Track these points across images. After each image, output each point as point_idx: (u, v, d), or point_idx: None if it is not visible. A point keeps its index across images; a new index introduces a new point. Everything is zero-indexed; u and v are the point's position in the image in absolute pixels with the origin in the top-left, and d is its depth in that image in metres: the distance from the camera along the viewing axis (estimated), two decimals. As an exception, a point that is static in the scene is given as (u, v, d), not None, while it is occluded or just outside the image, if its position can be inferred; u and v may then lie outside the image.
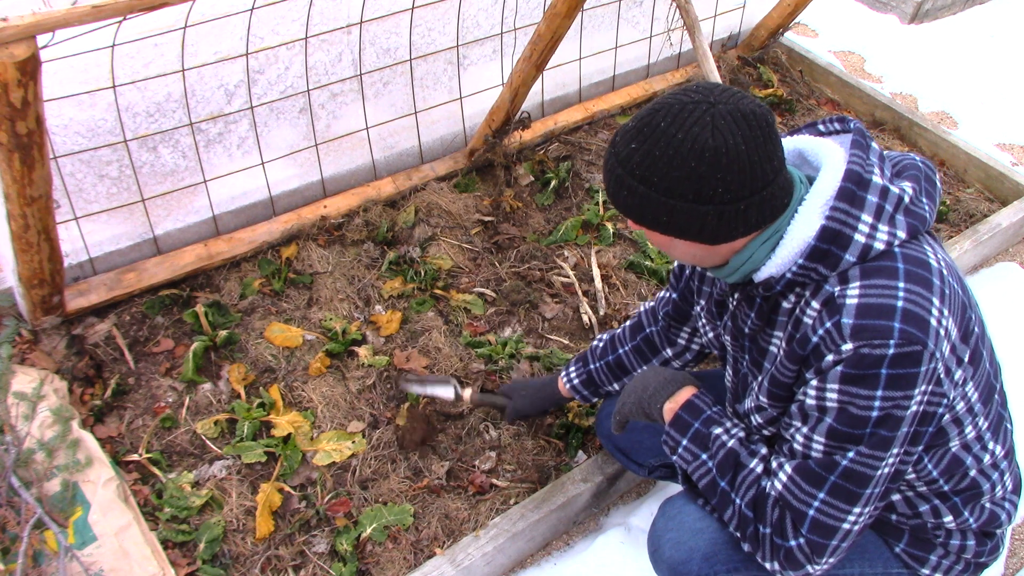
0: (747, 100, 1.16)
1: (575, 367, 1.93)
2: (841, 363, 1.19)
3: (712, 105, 1.14)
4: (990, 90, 3.78)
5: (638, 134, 1.18)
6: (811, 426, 1.26)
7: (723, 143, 1.13)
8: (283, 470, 2.05)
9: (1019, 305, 2.77)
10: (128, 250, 2.40)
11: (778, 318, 1.32)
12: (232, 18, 2.18)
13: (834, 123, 1.35)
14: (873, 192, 1.20)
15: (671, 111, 1.15)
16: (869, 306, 1.17)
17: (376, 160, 2.74)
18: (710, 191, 1.16)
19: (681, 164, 1.14)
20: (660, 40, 3.29)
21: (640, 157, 1.17)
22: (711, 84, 1.20)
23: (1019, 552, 2.17)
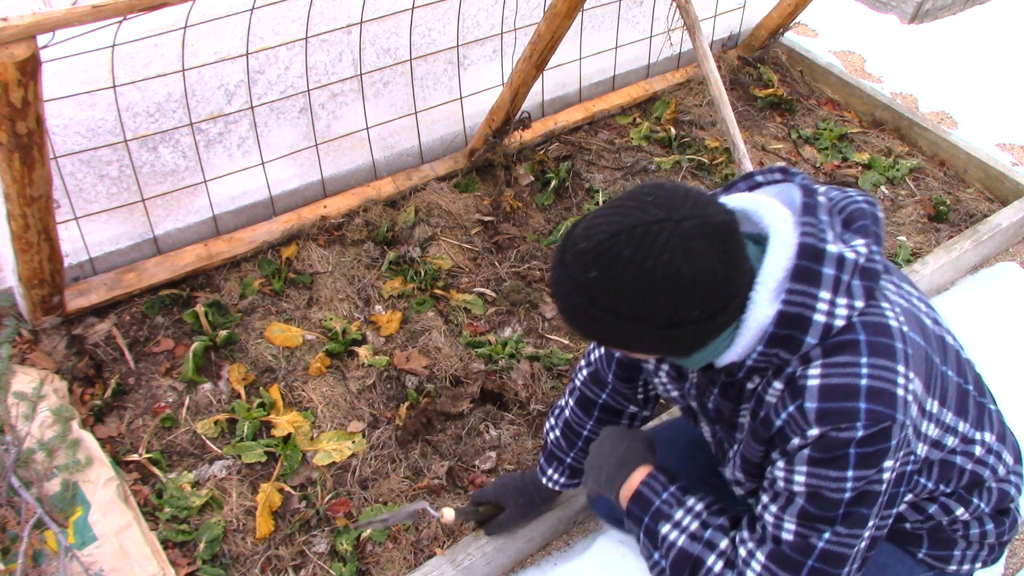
0: (710, 208, 1.05)
1: (552, 468, 1.77)
2: (808, 447, 1.14)
3: (677, 223, 1.02)
4: (990, 90, 3.77)
5: (598, 260, 1.04)
6: (781, 506, 1.21)
7: (698, 267, 1.02)
8: (283, 470, 2.05)
9: (1019, 305, 2.77)
10: (128, 250, 2.40)
11: (743, 397, 1.26)
12: (232, 18, 2.18)
13: (774, 173, 1.26)
14: (829, 264, 1.10)
15: (633, 236, 1.02)
16: (832, 388, 1.12)
17: (376, 160, 2.74)
18: (686, 314, 1.06)
19: (654, 294, 1.03)
20: (660, 40, 3.29)
21: (604, 287, 1.05)
22: (668, 190, 1.06)
23: (1019, 552, 2.17)
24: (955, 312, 2.73)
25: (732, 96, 3.37)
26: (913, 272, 2.66)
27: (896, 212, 3.00)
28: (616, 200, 1.09)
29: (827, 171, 3.13)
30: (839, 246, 1.12)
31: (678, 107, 3.30)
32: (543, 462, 1.80)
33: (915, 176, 3.16)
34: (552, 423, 1.77)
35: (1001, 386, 2.51)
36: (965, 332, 2.66)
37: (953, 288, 2.83)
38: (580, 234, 1.07)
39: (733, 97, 3.37)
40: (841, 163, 3.18)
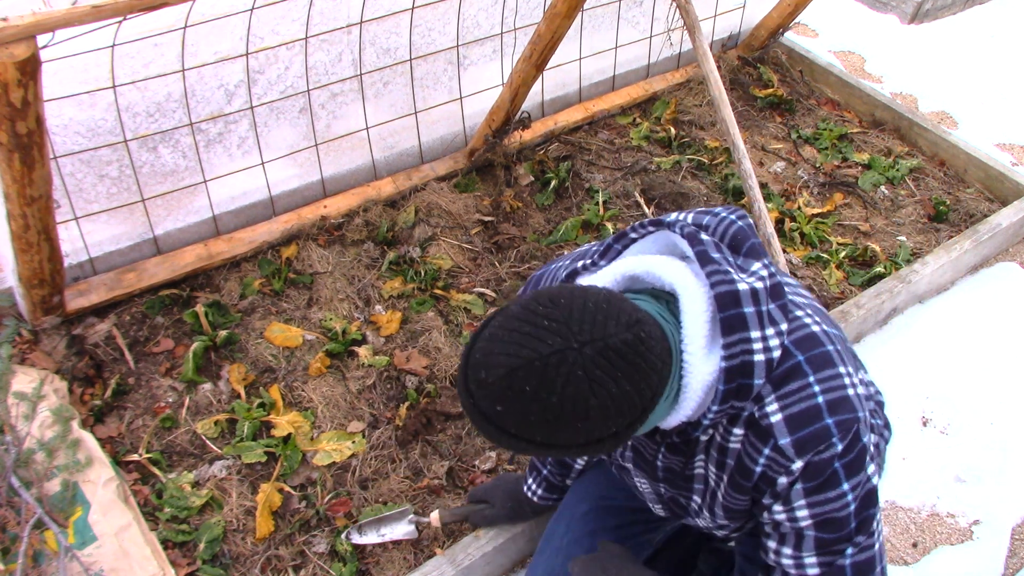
0: (610, 325, 0.98)
1: (532, 479, 1.81)
2: (797, 481, 1.13)
3: (576, 351, 0.95)
4: (990, 90, 3.78)
5: (501, 396, 0.97)
6: (794, 545, 1.20)
7: (605, 395, 0.97)
8: (283, 470, 2.05)
9: (1019, 305, 2.77)
10: (128, 250, 2.40)
11: (696, 448, 1.23)
12: (232, 18, 2.18)
13: (647, 227, 1.21)
14: (746, 302, 1.08)
15: (532, 371, 0.95)
16: (795, 417, 1.12)
17: (376, 160, 2.74)
18: (601, 433, 1.00)
19: (564, 425, 0.98)
20: (660, 40, 3.29)
21: (513, 420, 0.99)
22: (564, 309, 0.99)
23: (1019, 552, 2.17)
24: (955, 312, 2.73)
25: (732, 96, 3.37)
26: (913, 272, 2.66)
27: (896, 212, 3.00)
28: (512, 317, 1.01)
29: (827, 171, 3.13)
30: (745, 280, 1.10)
31: (678, 107, 3.30)
32: (527, 472, 1.85)
33: (915, 176, 3.16)
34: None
35: (1001, 386, 2.52)
36: (965, 332, 2.66)
37: (953, 288, 2.84)
38: (479, 360, 1.00)
39: (733, 97, 3.37)
40: (841, 163, 3.18)
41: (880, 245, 2.84)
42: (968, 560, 2.12)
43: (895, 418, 2.35)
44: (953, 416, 2.43)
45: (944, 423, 2.41)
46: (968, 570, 2.09)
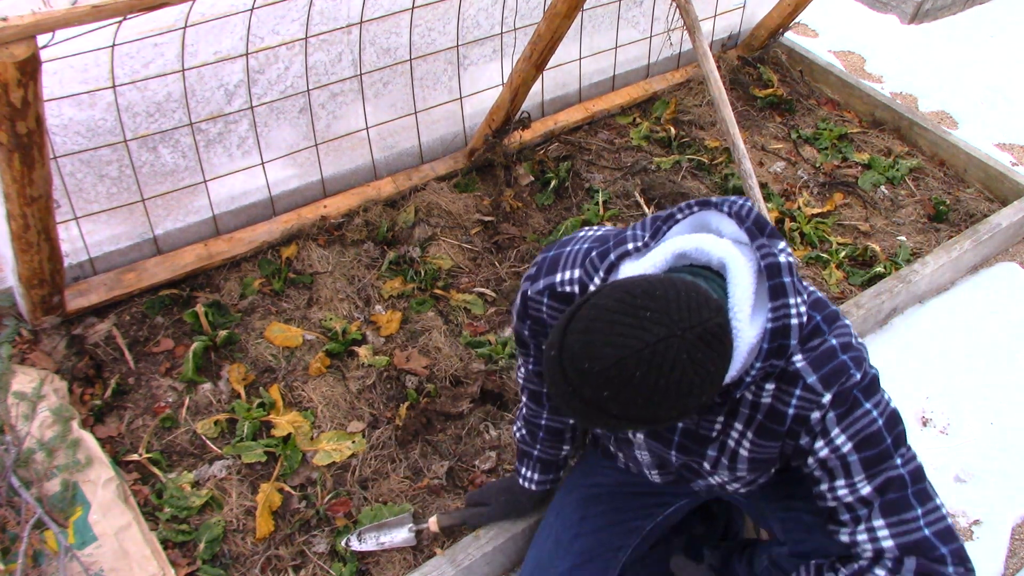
0: (704, 311, 1.09)
1: (524, 466, 1.83)
2: (829, 411, 1.27)
3: (680, 337, 1.06)
4: (990, 90, 3.78)
5: (608, 383, 1.07)
6: (845, 475, 1.30)
7: (706, 374, 1.09)
8: (283, 470, 2.05)
9: (1019, 305, 2.77)
10: (128, 250, 2.40)
11: (727, 408, 1.34)
12: (232, 18, 2.18)
13: (692, 208, 1.33)
14: (785, 274, 1.23)
15: (642, 359, 1.05)
16: (816, 359, 1.28)
17: (376, 160, 2.74)
18: (693, 405, 1.12)
19: (667, 402, 1.09)
20: (660, 40, 3.29)
21: (620, 405, 1.09)
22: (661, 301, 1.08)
23: (1019, 552, 2.17)
24: (955, 312, 2.73)
25: (732, 96, 3.37)
26: (913, 272, 2.66)
27: (896, 212, 3.00)
28: (607, 310, 1.09)
29: (827, 171, 3.13)
30: (783, 255, 1.25)
31: (678, 107, 3.30)
32: (517, 464, 1.86)
33: (915, 176, 3.16)
34: (518, 425, 1.83)
35: (1001, 386, 2.52)
36: (965, 332, 2.66)
37: (953, 288, 2.84)
38: (580, 352, 1.08)
39: (733, 97, 3.37)
40: (841, 163, 3.18)
41: (880, 245, 2.84)
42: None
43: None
44: (953, 416, 2.43)
45: (944, 423, 2.41)
46: (968, 570, 2.09)
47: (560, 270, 1.45)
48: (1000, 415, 2.44)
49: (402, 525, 1.94)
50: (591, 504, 1.75)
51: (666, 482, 1.65)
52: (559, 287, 1.44)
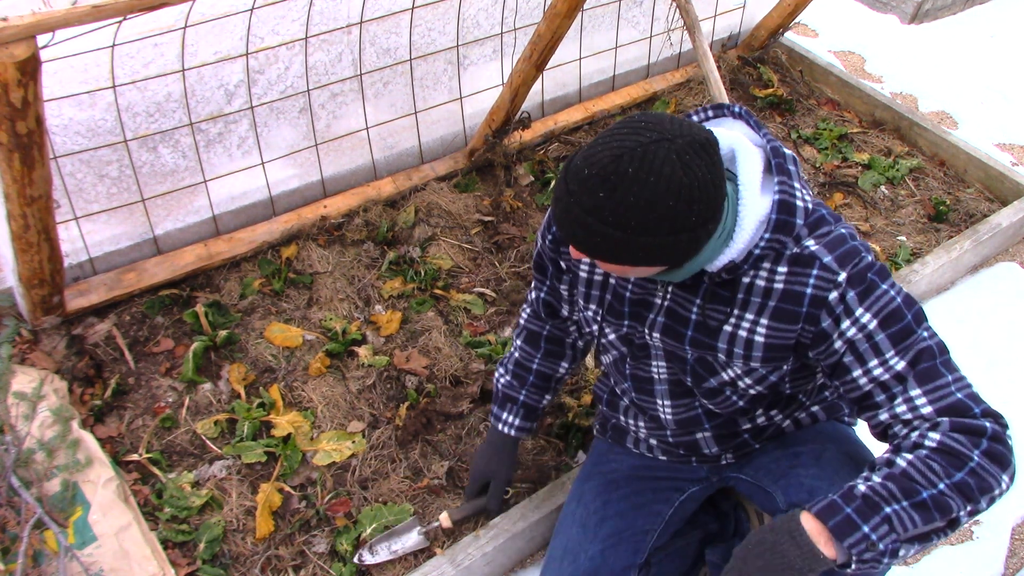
0: (695, 128, 1.21)
1: (506, 411, 1.87)
2: (847, 289, 1.31)
3: (671, 141, 1.17)
4: (990, 90, 3.78)
5: (604, 182, 1.17)
6: (876, 354, 1.31)
7: (694, 178, 1.17)
8: (283, 470, 2.06)
9: (1019, 305, 2.78)
10: (128, 250, 2.40)
11: (736, 295, 1.38)
12: (232, 18, 2.18)
13: (706, 111, 1.44)
14: (789, 161, 1.34)
15: (635, 156, 1.16)
16: (830, 242, 1.33)
17: (376, 160, 2.74)
18: (684, 221, 1.20)
19: (659, 205, 1.17)
20: (660, 40, 3.29)
21: (613, 204, 1.18)
22: (653, 117, 1.21)
23: (1019, 552, 2.17)
24: (955, 312, 2.73)
25: (732, 96, 3.37)
26: (913, 272, 2.66)
27: (896, 212, 3.00)
28: (609, 129, 1.22)
29: (827, 171, 3.13)
30: (785, 149, 1.35)
31: (678, 107, 3.30)
32: (496, 410, 1.89)
33: (915, 176, 3.16)
34: (502, 371, 1.88)
35: (1002, 386, 2.52)
36: (965, 332, 2.66)
37: (953, 288, 2.84)
38: (581, 163, 1.20)
39: (733, 97, 3.37)
40: (841, 163, 3.18)
41: (880, 245, 2.84)
42: (968, 560, 2.12)
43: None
44: (953, 416, 2.43)
45: (944, 423, 2.41)
46: (968, 570, 2.09)
47: None
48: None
49: (410, 530, 1.94)
50: (611, 489, 1.77)
51: (678, 419, 1.63)
52: None
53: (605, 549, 1.68)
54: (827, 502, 1.27)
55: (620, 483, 1.77)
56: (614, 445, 1.84)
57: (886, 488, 1.25)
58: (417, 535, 1.93)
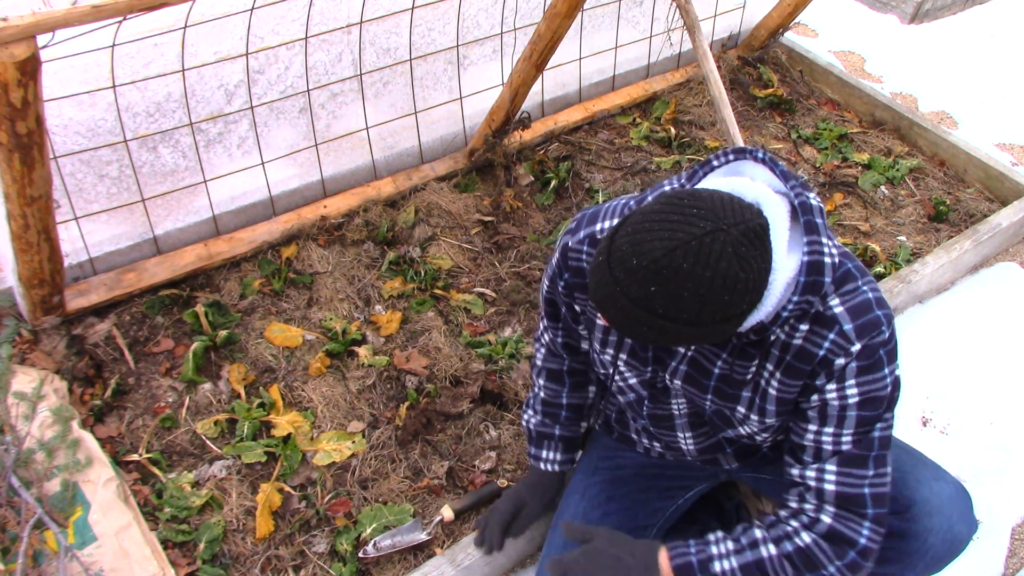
0: (747, 212, 1.16)
1: (545, 449, 1.81)
2: (853, 360, 1.31)
3: (726, 231, 1.12)
4: (990, 90, 3.78)
5: (656, 276, 1.12)
6: (836, 424, 1.35)
7: (750, 271, 1.14)
8: (283, 470, 2.06)
9: (1019, 305, 2.77)
10: (128, 250, 2.40)
11: (761, 350, 1.37)
12: (232, 18, 2.18)
13: (728, 155, 1.37)
14: (817, 215, 1.27)
15: (690, 250, 1.11)
16: (855, 308, 1.31)
17: (376, 160, 2.74)
18: (736, 310, 1.17)
19: (714, 299, 1.13)
20: (660, 40, 3.29)
21: (665, 299, 1.13)
22: (705, 200, 1.15)
23: (1019, 552, 2.17)
24: (955, 312, 2.73)
25: (732, 96, 3.37)
26: (913, 272, 2.66)
27: (896, 212, 3.00)
28: (655, 212, 1.15)
29: (827, 171, 3.13)
30: (812, 198, 1.29)
31: (678, 107, 3.30)
32: (533, 450, 1.83)
33: (915, 176, 3.16)
34: (530, 413, 1.82)
35: (1001, 386, 2.52)
36: (965, 332, 2.66)
37: (953, 288, 2.84)
38: (628, 251, 1.14)
39: (733, 97, 3.37)
40: (841, 163, 3.18)
41: (880, 245, 2.84)
42: (968, 560, 2.11)
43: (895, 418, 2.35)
44: (953, 416, 2.43)
45: (944, 423, 2.41)
46: (968, 570, 2.09)
47: (600, 220, 1.48)
48: (1000, 415, 2.44)
49: (412, 530, 1.94)
50: (617, 485, 1.76)
51: (699, 447, 1.64)
52: (599, 235, 1.47)
53: None
54: (685, 562, 1.42)
55: (627, 480, 1.77)
56: (620, 444, 1.84)
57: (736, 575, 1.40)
58: (419, 532, 1.93)
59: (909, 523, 1.49)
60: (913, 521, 1.48)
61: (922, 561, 1.51)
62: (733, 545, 1.42)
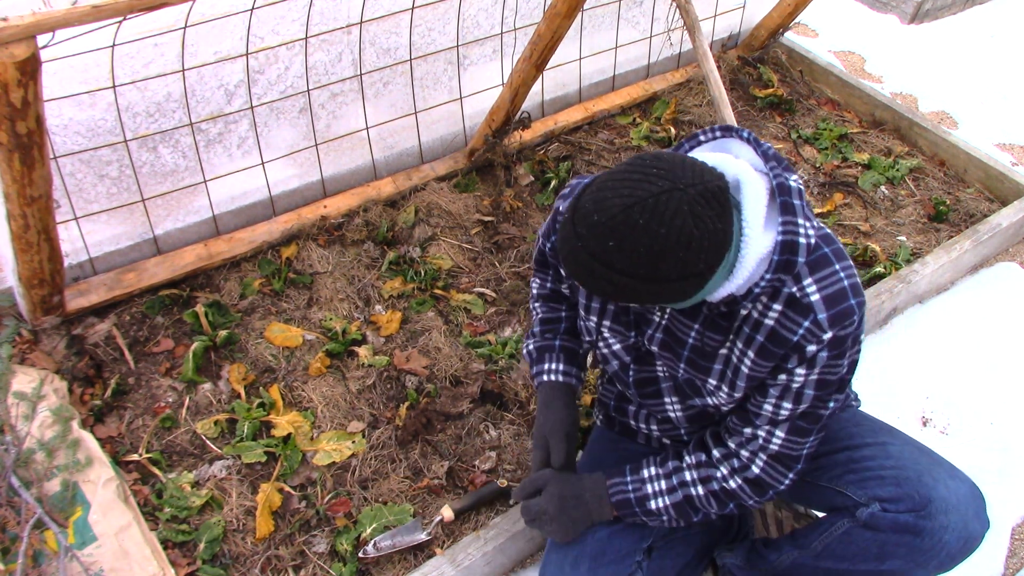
0: (707, 175, 1.20)
1: (547, 362, 1.77)
2: (824, 348, 1.36)
3: (683, 191, 1.16)
4: (990, 90, 3.78)
5: (613, 231, 1.17)
6: (793, 400, 1.43)
7: (704, 229, 1.17)
8: (283, 470, 2.06)
9: (1019, 305, 2.77)
10: (128, 250, 2.40)
11: (732, 324, 1.42)
12: (232, 18, 2.18)
13: (715, 131, 1.42)
14: (795, 196, 1.31)
15: (646, 206, 1.15)
16: (831, 297, 1.35)
17: (376, 160, 2.74)
18: (692, 268, 1.20)
19: (668, 255, 1.17)
20: (660, 40, 3.29)
21: (623, 255, 1.18)
22: (667, 161, 1.20)
23: (1019, 552, 2.17)
24: (955, 312, 2.73)
25: (732, 96, 3.37)
26: (913, 272, 2.66)
27: (896, 212, 3.00)
28: (619, 172, 1.21)
29: (827, 171, 3.13)
30: (793, 180, 1.33)
31: (678, 107, 3.30)
32: (535, 368, 1.78)
33: (915, 176, 3.16)
34: (530, 338, 1.84)
35: (1001, 386, 2.52)
36: (965, 332, 2.66)
37: (953, 288, 2.84)
38: (591, 207, 1.19)
39: (733, 97, 3.37)
40: (841, 163, 3.18)
41: (880, 245, 2.84)
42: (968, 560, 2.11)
43: (895, 418, 2.35)
44: (953, 416, 2.43)
45: (944, 423, 2.41)
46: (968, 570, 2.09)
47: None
48: (1000, 415, 2.44)
49: (412, 530, 1.94)
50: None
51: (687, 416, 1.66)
52: None
53: (612, 533, 1.69)
54: (624, 499, 1.61)
55: None
56: (622, 436, 1.85)
57: (668, 512, 1.59)
58: (419, 532, 1.93)
59: (925, 520, 1.50)
60: (930, 518, 1.49)
61: (935, 559, 1.52)
62: (666, 485, 1.59)
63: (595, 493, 1.63)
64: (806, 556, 1.66)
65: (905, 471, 1.55)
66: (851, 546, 1.58)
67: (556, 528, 1.64)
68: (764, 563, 1.75)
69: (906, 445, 1.63)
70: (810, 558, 1.65)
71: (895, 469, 1.56)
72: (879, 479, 1.56)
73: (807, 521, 1.92)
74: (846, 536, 1.58)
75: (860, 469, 1.59)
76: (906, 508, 1.50)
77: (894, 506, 1.51)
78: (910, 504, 1.50)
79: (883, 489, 1.54)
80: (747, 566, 1.79)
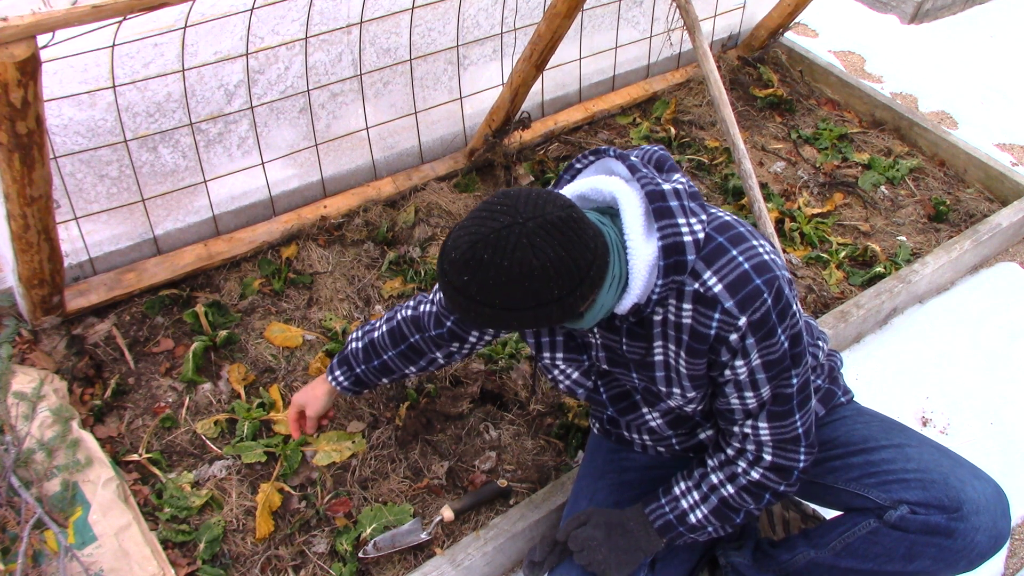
0: (548, 206, 1.25)
1: (340, 372, 1.90)
2: (745, 333, 1.39)
3: (521, 225, 1.22)
4: (990, 90, 3.78)
5: (466, 267, 1.24)
6: (751, 388, 1.46)
7: (545, 258, 1.22)
8: (283, 470, 2.06)
9: (1019, 305, 2.78)
10: (128, 250, 2.40)
11: (653, 331, 1.46)
12: (232, 18, 2.18)
13: (587, 157, 1.49)
14: (671, 198, 1.36)
15: (488, 242, 1.22)
16: (733, 284, 1.37)
17: (376, 160, 2.74)
18: (547, 295, 1.25)
19: (516, 286, 1.23)
20: (660, 40, 3.30)
21: (477, 286, 1.25)
22: (512, 197, 1.26)
23: (1019, 552, 2.17)
24: (955, 312, 2.73)
25: (732, 96, 3.37)
26: (913, 272, 2.66)
27: (896, 212, 3.00)
28: (474, 210, 1.29)
29: (827, 171, 3.13)
30: (667, 183, 1.38)
31: (678, 107, 3.30)
32: (335, 363, 1.91)
33: (915, 176, 3.16)
34: (358, 335, 1.90)
35: (1001, 386, 2.52)
36: (965, 332, 2.66)
37: (953, 288, 2.84)
38: (450, 245, 1.27)
39: (733, 97, 3.37)
40: (841, 163, 3.18)
41: (880, 245, 2.84)
42: (968, 560, 2.11)
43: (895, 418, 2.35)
44: (953, 416, 2.43)
45: (944, 423, 2.41)
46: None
47: None
48: (1000, 415, 2.44)
49: (412, 530, 1.94)
50: (624, 490, 1.79)
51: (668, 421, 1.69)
52: None
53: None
54: (665, 521, 1.63)
55: (633, 483, 1.79)
56: (619, 445, 1.85)
57: (709, 522, 1.60)
58: (419, 532, 1.93)
59: (959, 522, 1.50)
60: (963, 520, 1.50)
61: (965, 559, 1.53)
62: (698, 495, 1.60)
63: (638, 522, 1.65)
64: (824, 555, 1.66)
65: (930, 474, 1.55)
66: (876, 546, 1.59)
67: (606, 556, 1.64)
68: (773, 563, 1.75)
69: (923, 446, 1.64)
70: (829, 557, 1.65)
71: (918, 472, 1.56)
72: (903, 482, 1.56)
73: (815, 522, 1.92)
74: (871, 536, 1.59)
75: (880, 472, 1.60)
76: (937, 511, 1.51)
77: (924, 509, 1.52)
78: (941, 507, 1.51)
79: (909, 493, 1.55)
80: (755, 565, 1.79)
